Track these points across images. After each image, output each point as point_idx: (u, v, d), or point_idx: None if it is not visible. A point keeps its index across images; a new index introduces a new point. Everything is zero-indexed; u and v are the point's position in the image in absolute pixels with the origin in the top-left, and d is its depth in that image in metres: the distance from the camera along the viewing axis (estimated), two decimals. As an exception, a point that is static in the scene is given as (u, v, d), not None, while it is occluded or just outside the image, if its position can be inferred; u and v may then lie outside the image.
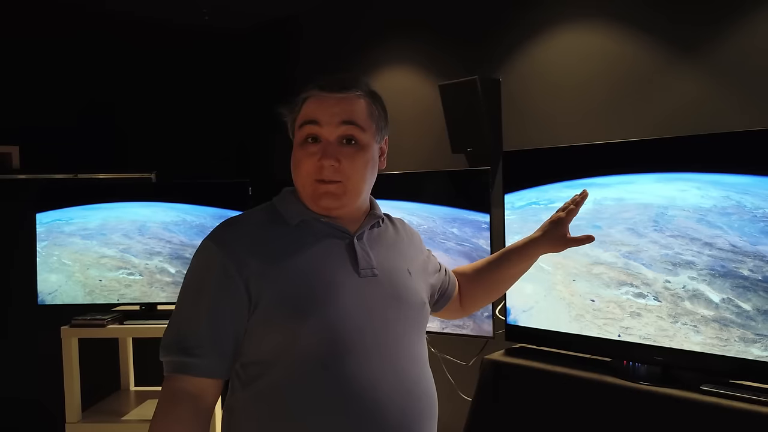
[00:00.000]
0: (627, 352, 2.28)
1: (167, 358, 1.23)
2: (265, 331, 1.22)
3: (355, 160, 1.30)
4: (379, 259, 1.35)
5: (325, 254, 1.30)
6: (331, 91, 1.32)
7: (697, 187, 2.17)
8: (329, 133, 1.29)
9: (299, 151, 1.32)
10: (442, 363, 3.54)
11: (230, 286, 1.22)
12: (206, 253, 1.27)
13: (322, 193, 1.29)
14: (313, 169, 1.29)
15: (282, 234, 1.30)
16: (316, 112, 1.30)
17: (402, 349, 1.30)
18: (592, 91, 3.07)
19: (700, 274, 2.16)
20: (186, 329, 1.23)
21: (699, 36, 2.71)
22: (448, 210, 3.09)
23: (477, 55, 3.53)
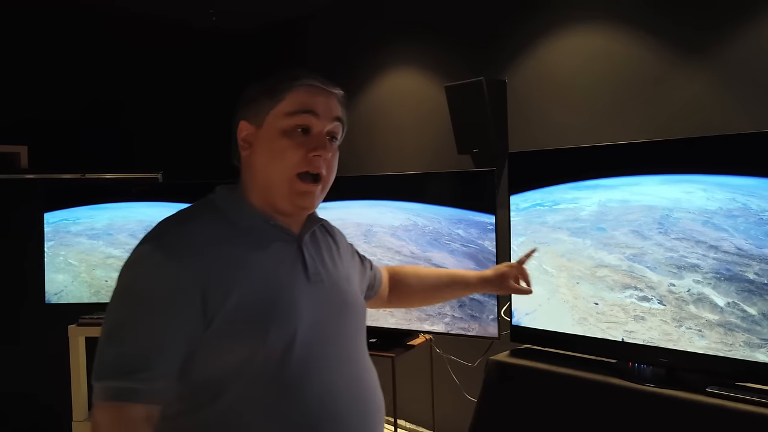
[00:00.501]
0: (632, 353, 2.27)
1: (111, 383, 1.06)
2: (222, 347, 1.12)
3: (336, 159, 1.29)
4: (322, 264, 1.30)
5: (278, 261, 1.22)
6: (326, 84, 1.29)
7: (702, 189, 2.15)
8: (323, 125, 1.24)
9: (283, 140, 1.21)
10: (447, 364, 3.55)
11: (186, 298, 1.10)
12: (155, 259, 1.12)
13: (302, 191, 1.22)
14: (301, 160, 1.21)
15: (233, 238, 1.19)
16: (313, 101, 1.24)
17: (354, 354, 1.29)
18: (597, 93, 3.07)
19: (705, 278, 2.14)
20: (134, 349, 1.07)
21: (704, 38, 2.71)
22: (454, 211, 3.09)
23: (483, 56, 3.53)
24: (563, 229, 2.51)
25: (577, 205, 2.47)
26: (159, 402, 1.08)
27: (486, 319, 2.96)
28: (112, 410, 1.06)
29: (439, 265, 3.10)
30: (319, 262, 1.29)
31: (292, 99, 1.23)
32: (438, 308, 3.10)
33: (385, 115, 4.09)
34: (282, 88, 1.24)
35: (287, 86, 1.24)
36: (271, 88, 1.25)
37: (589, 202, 2.44)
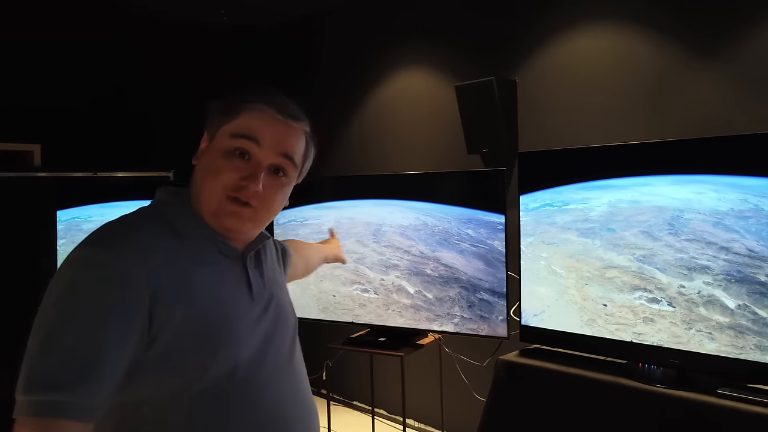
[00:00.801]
0: (642, 354, 2.25)
1: (40, 396, 0.93)
2: (165, 366, 1.04)
3: (278, 194, 1.20)
4: (264, 282, 1.26)
5: (224, 279, 1.16)
6: (284, 115, 1.19)
7: (714, 190, 2.13)
8: (264, 156, 1.16)
9: (221, 159, 1.14)
10: (456, 363, 3.55)
11: (131, 306, 1.00)
12: (98, 263, 1.01)
13: (229, 211, 1.14)
14: (231, 184, 1.13)
15: (180, 251, 1.11)
16: (260, 129, 1.15)
17: (294, 369, 1.27)
18: (608, 93, 3.05)
19: (716, 280, 2.11)
20: (70, 360, 0.95)
21: (717, 38, 2.69)
22: (464, 210, 3.09)
23: (493, 56, 3.52)
24: (572, 229, 2.49)
25: (586, 205, 2.46)
26: (94, 419, 0.96)
27: (495, 319, 2.96)
28: (40, 427, 0.93)
29: (449, 266, 3.10)
30: (261, 281, 1.25)
31: (242, 121, 1.16)
32: (447, 309, 3.10)
33: (396, 115, 4.09)
34: (237, 107, 1.18)
35: (242, 106, 1.18)
36: (228, 104, 1.19)
37: (598, 202, 2.42)
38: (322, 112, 4.62)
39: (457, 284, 3.09)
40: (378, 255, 3.34)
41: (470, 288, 3.05)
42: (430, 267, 3.17)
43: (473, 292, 3.04)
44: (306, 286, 3.50)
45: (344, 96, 4.44)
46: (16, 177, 3.72)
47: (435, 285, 3.16)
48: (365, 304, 3.35)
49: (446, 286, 3.13)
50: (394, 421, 4.12)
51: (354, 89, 4.36)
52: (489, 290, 2.99)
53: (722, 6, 2.67)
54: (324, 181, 3.83)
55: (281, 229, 3.66)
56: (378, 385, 3.97)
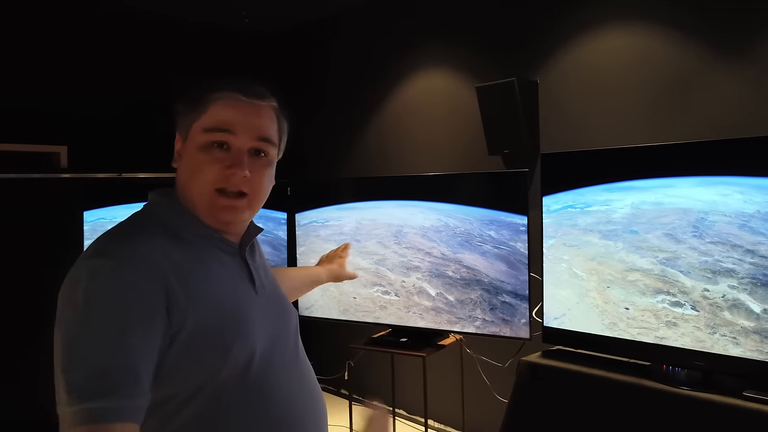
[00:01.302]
0: (667, 356, 2.23)
1: (84, 405, 0.93)
2: (185, 363, 1.05)
3: (264, 176, 1.20)
4: (262, 273, 1.27)
5: (228, 275, 1.18)
6: (249, 95, 1.19)
7: (740, 192, 2.10)
8: (242, 142, 1.16)
9: (200, 155, 1.15)
10: (478, 364, 3.55)
11: (154, 309, 1.02)
12: (112, 271, 1.01)
13: (223, 206, 1.15)
14: (217, 176, 1.14)
15: (183, 252, 1.12)
16: (230, 118, 1.16)
17: (299, 358, 1.28)
18: (631, 94, 3.04)
19: (741, 283, 2.08)
20: (107, 366, 0.96)
21: (742, 38, 2.66)
22: (485, 212, 3.08)
23: (514, 57, 3.51)
24: (594, 231, 2.48)
25: (609, 207, 2.44)
26: (141, 419, 0.98)
27: (518, 323, 2.95)
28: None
29: (471, 268, 3.10)
30: (260, 273, 1.26)
31: (212, 114, 1.16)
32: (469, 311, 3.10)
33: (416, 116, 4.10)
34: (203, 100, 1.17)
35: (207, 99, 1.17)
36: (194, 100, 1.18)
37: (621, 204, 2.41)
38: (342, 112, 4.64)
39: (479, 286, 3.08)
40: (399, 257, 3.34)
41: (492, 290, 3.04)
42: (452, 269, 3.17)
43: (495, 295, 3.03)
44: (326, 288, 3.50)
45: (364, 97, 4.45)
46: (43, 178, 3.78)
47: (456, 287, 3.15)
48: (386, 306, 3.36)
49: (468, 288, 3.12)
50: (415, 421, 4.13)
51: (374, 90, 4.37)
52: (511, 293, 2.98)
53: (747, 5, 2.64)
54: (345, 183, 3.85)
55: (302, 230, 3.69)
56: (399, 385, 3.98)
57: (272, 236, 3.94)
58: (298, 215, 3.73)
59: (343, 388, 4.63)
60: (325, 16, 4.71)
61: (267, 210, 3.93)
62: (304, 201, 3.72)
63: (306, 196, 3.74)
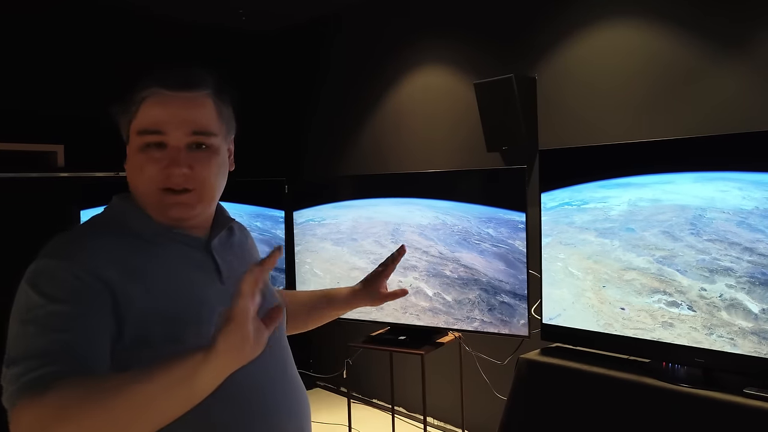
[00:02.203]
0: (666, 353, 2.22)
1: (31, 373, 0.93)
2: (139, 357, 1.03)
3: (209, 165, 1.16)
4: (236, 265, 1.25)
5: (188, 268, 1.16)
6: (176, 88, 1.14)
7: (738, 188, 2.07)
8: (176, 140, 1.13)
9: (139, 155, 1.13)
10: (477, 362, 3.54)
11: (93, 302, 1.01)
12: (57, 275, 1.02)
13: (171, 204, 1.14)
14: (157, 176, 1.12)
15: (136, 250, 1.11)
16: (159, 118, 1.12)
17: (279, 352, 1.26)
18: (630, 89, 3.02)
19: (739, 282, 2.05)
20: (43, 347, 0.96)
21: (741, 32, 2.65)
22: (484, 209, 3.05)
23: (513, 53, 3.50)
24: (591, 229, 2.45)
25: (606, 204, 2.42)
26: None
27: (516, 323, 2.92)
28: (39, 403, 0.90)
29: (469, 267, 3.07)
30: (232, 264, 1.24)
31: (142, 115, 1.13)
32: (467, 312, 3.06)
33: (414, 113, 4.08)
34: (133, 101, 1.15)
35: (136, 99, 1.14)
36: (124, 102, 1.16)
37: (618, 201, 2.39)
38: (340, 110, 4.63)
39: (477, 286, 3.05)
40: (398, 255, 3.31)
41: (490, 290, 3.01)
42: (450, 268, 3.13)
43: (494, 295, 3.00)
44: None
45: (362, 95, 4.44)
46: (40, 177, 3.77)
47: (454, 287, 3.12)
48: (382, 307, 3.33)
49: (466, 288, 3.09)
50: (414, 419, 4.12)
51: (372, 88, 4.35)
52: (510, 292, 2.95)
53: (746, -1, 2.63)
54: (342, 180, 3.83)
55: (299, 229, 3.67)
56: (398, 383, 3.97)
57: (270, 235, 3.92)
58: (295, 213, 3.72)
59: (342, 387, 4.62)
60: (323, 15, 4.69)
61: (264, 208, 3.91)
62: (301, 199, 3.70)
63: (303, 194, 3.72)
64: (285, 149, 5.10)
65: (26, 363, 0.95)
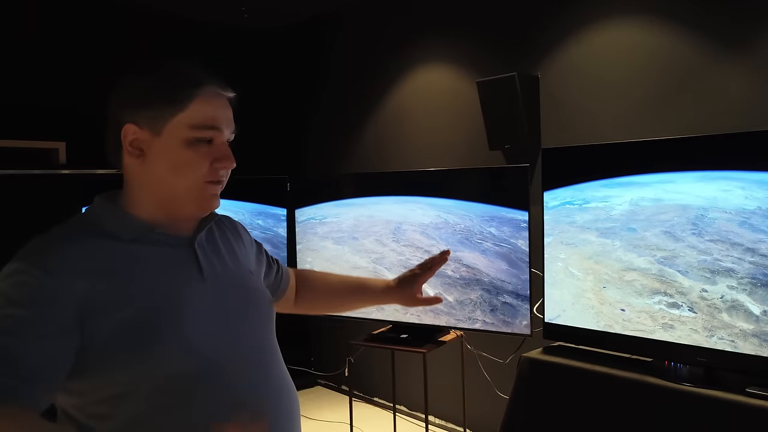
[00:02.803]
0: (669, 352, 2.21)
1: None
2: (111, 364, 1.05)
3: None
4: (220, 262, 1.25)
5: (167, 267, 1.16)
6: (225, 89, 1.22)
7: (741, 187, 2.05)
8: (226, 136, 1.21)
9: (184, 150, 1.14)
10: (479, 360, 3.54)
11: (61, 312, 1.02)
12: (24, 279, 1.02)
13: (212, 195, 1.19)
14: (208, 171, 1.16)
15: (114, 251, 1.12)
16: (217, 115, 1.18)
17: (262, 348, 1.25)
18: (633, 88, 3.01)
19: (740, 283, 2.03)
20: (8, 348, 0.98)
21: (743, 30, 2.63)
22: (486, 207, 3.04)
23: (515, 51, 3.49)
24: (592, 229, 2.44)
25: (607, 203, 2.41)
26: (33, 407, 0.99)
27: (519, 324, 2.91)
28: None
29: (471, 267, 3.06)
30: (215, 259, 1.25)
31: (196, 110, 1.15)
32: (468, 313, 3.05)
33: (417, 111, 4.08)
34: (184, 95, 1.14)
35: (189, 93, 1.15)
36: (171, 93, 1.14)
37: (620, 200, 2.37)
38: (342, 109, 4.62)
39: (479, 286, 3.03)
40: (397, 255, 3.30)
41: (492, 290, 2.99)
42: (451, 268, 3.11)
43: (496, 295, 2.98)
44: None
45: (364, 93, 4.43)
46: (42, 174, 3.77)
47: (456, 287, 3.10)
48: (383, 308, 3.32)
49: (468, 288, 3.07)
50: (416, 417, 4.12)
51: (374, 86, 4.35)
52: (512, 293, 2.93)
53: (750, -3, 2.62)
54: (343, 178, 3.83)
55: (300, 227, 3.66)
56: (400, 381, 3.97)
57: (272, 233, 3.92)
58: (297, 211, 3.71)
59: (344, 385, 4.62)
60: (325, 12, 4.68)
61: (267, 206, 3.91)
62: (303, 197, 3.70)
63: (305, 191, 3.71)
64: (287, 147, 5.10)
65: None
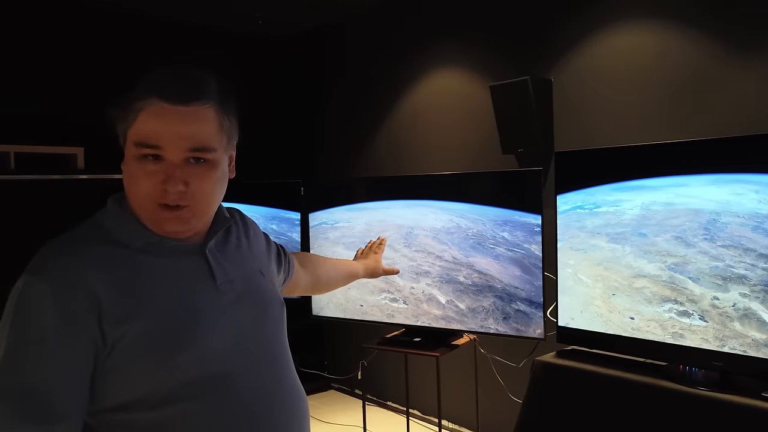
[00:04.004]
0: (684, 356, 2.18)
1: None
2: (128, 373, 1.04)
3: (205, 181, 1.11)
4: (232, 267, 1.21)
5: (180, 276, 1.13)
6: (175, 101, 1.07)
7: (755, 191, 2.01)
8: (173, 155, 1.07)
9: (135, 166, 1.08)
10: (492, 364, 3.53)
11: (80, 328, 1.00)
12: (38, 290, 1.00)
13: (166, 218, 1.10)
14: (152, 191, 1.07)
15: (126, 260, 1.08)
16: (156, 132, 1.07)
17: (276, 353, 1.24)
18: (646, 91, 3.00)
19: (753, 291, 1.99)
20: (34, 392, 0.97)
21: (758, 34, 2.62)
22: (499, 211, 3.02)
23: (528, 55, 3.48)
24: (602, 234, 2.42)
25: (618, 208, 2.38)
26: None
27: (532, 333, 2.89)
28: None
29: (483, 273, 3.03)
30: (227, 265, 1.21)
31: (138, 125, 1.08)
32: (481, 321, 3.03)
33: (429, 115, 4.08)
34: (130, 109, 1.09)
35: (133, 107, 1.09)
36: (122, 105, 1.11)
37: (631, 205, 2.35)
38: (355, 114, 4.64)
39: (492, 293, 3.00)
40: (409, 261, 3.28)
41: (505, 297, 2.96)
42: (464, 274, 3.09)
43: (509, 302, 2.95)
44: (332, 295, 3.43)
45: (377, 97, 4.44)
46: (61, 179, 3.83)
47: (468, 294, 3.08)
48: (393, 315, 3.31)
49: (480, 295, 3.04)
50: (429, 421, 4.12)
51: (387, 91, 4.36)
52: (526, 300, 2.90)
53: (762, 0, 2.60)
54: (356, 182, 3.83)
55: (312, 232, 3.66)
56: (413, 385, 3.98)
57: (286, 238, 3.94)
58: (310, 216, 3.72)
59: (357, 388, 4.63)
60: (338, 18, 4.70)
61: (280, 210, 3.94)
62: (315, 201, 3.71)
63: (318, 196, 3.73)
64: (300, 152, 5.12)
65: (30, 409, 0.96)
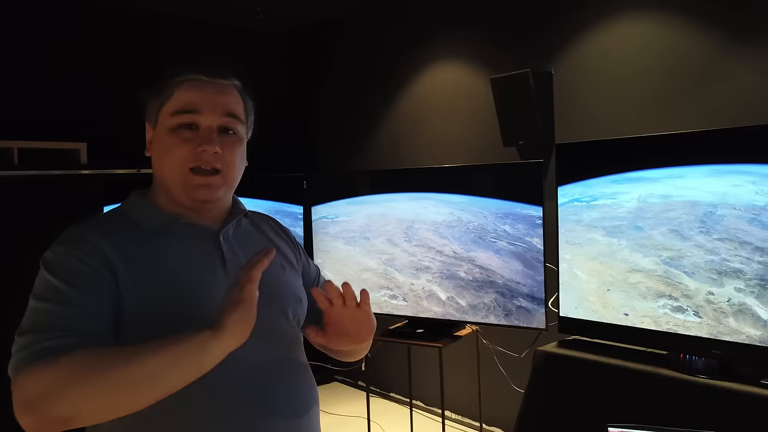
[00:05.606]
0: (684, 344, 2.18)
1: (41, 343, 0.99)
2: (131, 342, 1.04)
3: (236, 152, 1.21)
4: (246, 255, 1.20)
5: (190, 257, 1.17)
6: (212, 75, 1.22)
7: (752, 182, 1.99)
8: (210, 120, 1.18)
9: (169, 137, 1.18)
10: (494, 354, 3.56)
11: (103, 277, 1.07)
12: (62, 251, 1.09)
13: (197, 184, 1.17)
14: (188, 156, 1.16)
15: (138, 240, 1.14)
16: (196, 99, 1.18)
17: (280, 336, 1.23)
18: (647, 83, 3.00)
19: (748, 285, 1.97)
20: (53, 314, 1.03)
21: (756, 25, 2.62)
22: (500, 203, 3.01)
23: (529, 48, 3.48)
24: (598, 228, 2.41)
25: (615, 200, 2.37)
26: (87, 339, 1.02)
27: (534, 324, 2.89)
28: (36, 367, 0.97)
29: (484, 268, 3.01)
30: (242, 252, 1.23)
31: (177, 97, 1.19)
32: (482, 318, 3.02)
33: (430, 108, 4.09)
34: (166, 86, 1.20)
35: (171, 83, 1.20)
36: (157, 86, 1.21)
37: (628, 197, 2.34)
38: (356, 107, 4.65)
39: (493, 289, 2.99)
40: (409, 256, 3.26)
41: (507, 293, 2.95)
42: (464, 269, 3.07)
43: (510, 298, 2.94)
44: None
45: (378, 91, 4.45)
46: (64, 174, 3.85)
47: (468, 290, 3.07)
48: (392, 313, 3.31)
49: (481, 291, 3.02)
50: (432, 412, 4.16)
51: (388, 84, 4.37)
52: (527, 295, 2.88)
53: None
54: (356, 176, 3.84)
55: (313, 226, 3.66)
56: (416, 376, 4.01)
57: (289, 232, 3.93)
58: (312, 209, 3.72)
59: (361, 380, 4.67)
60: (338, 11, 4.70)
61: (284, 204, 3.95)
62: (318, 195, 3.72)
63: (320, 189, 3.74)
64: (302, 146, 5.14)
65: (36, 335, 1.00)
